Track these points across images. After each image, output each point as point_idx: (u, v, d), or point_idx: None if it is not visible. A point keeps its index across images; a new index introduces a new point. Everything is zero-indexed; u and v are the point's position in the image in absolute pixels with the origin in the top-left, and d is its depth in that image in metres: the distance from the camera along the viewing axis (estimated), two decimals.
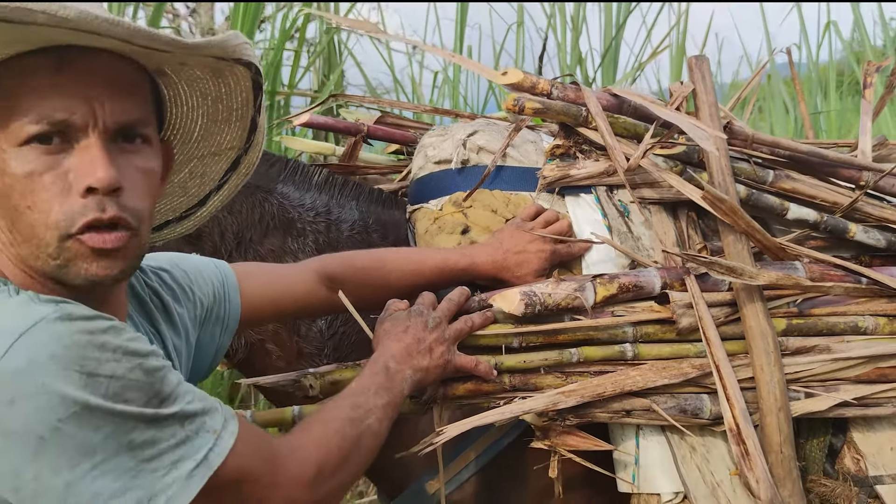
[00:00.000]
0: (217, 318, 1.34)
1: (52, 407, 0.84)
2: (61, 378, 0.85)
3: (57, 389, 0.84)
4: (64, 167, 0.95)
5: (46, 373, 0.84)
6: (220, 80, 1.11)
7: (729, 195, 1.52)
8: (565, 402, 1.37)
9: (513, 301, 1.39)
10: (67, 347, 0.86)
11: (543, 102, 1.62)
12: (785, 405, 1.47)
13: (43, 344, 0.86)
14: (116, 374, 0.88)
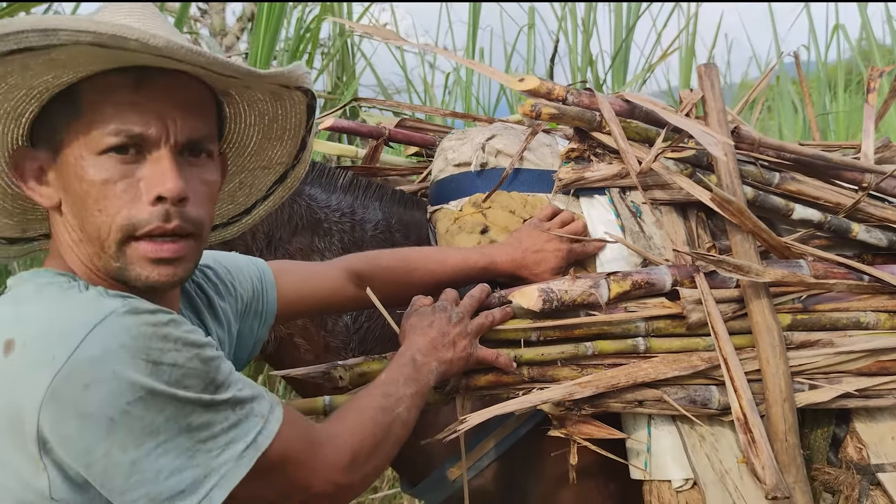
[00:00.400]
0: (256, 312, 1.42)
1: (122, 392, 0.92)
2: (130, 366, 0.92)
3: (126, 376, 0.92)
4: (136, 176, 1.02)
5: (117, 361, 0.92)
6: (278, 102, 1.19)
7: (736, 197, 1.59)
8: (581, 392, 1.44)
9: (531, 297, 1.46)
10: (135, 338, 0.94)
11: (559, 108, 1.69)
12: (790, 396, 1.54)
13: (114, 334, 0.93)
14: (178, 363, 0.96)
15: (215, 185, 1.12)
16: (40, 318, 0.98)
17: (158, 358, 0.95)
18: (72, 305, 0.98)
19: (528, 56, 5.53)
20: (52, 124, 1.05)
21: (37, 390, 0.92)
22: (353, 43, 4.93)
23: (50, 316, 0.97)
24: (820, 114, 5.60)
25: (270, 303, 1.45)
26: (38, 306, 1.00)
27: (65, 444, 0.93)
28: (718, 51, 7.90)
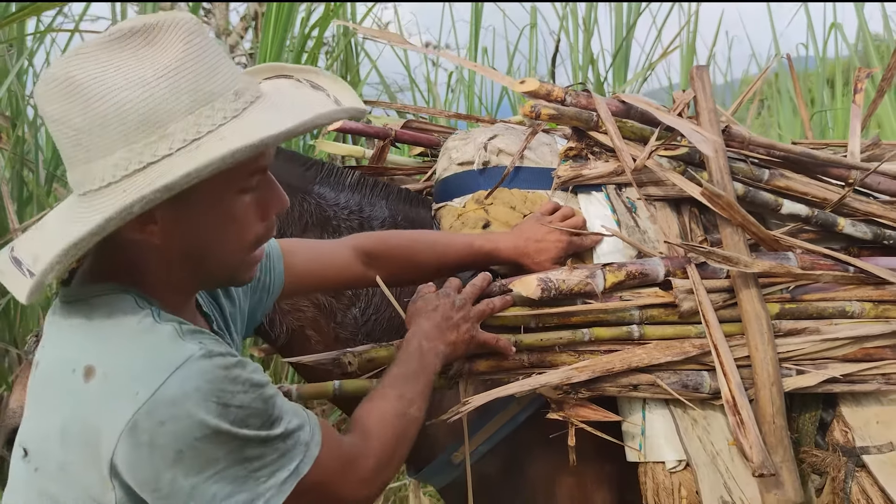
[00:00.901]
0: (263, 286, 1.49)
1: (192, 429, 1.01)
2: (202, 407, 1.02)
3: (198, 417, 1.01)
4: (256, 199, 1.14)
5: (192, 402, 1.01)
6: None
7: (726, 192, 1.67)
8: (578, 376, 1.53)
9: (530, 286, 1.55)
10: (209, 382, 1.03)
11: (558, 109, 1.77)
12: (777, 380, 1.62)
13: (190, 378, 1.02)
14: (243, 404, 1.05)
15: None
16: (122, 351, 1.05)
17: (228, 400, 1.04)
18: (153, 344, 1.06)
19: (530, 55, 5.60)
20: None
21: (118, 422, 1.00)
22: (357, 42, 5.01)
23: (132, 352, 1.05)
24: (818, 111, 5.67)
25: (277, 276, 1.51)
26: (119, 338, 1.07)
27: (135, 470, 1.02)
28: (719, 48, 7.96)
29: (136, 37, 1.03)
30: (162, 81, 1.02)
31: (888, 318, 1.77)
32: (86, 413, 1.03)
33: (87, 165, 1.04)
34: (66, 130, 1.04)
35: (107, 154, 1.03)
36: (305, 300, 1.79)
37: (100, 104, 1.01)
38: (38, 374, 1.12)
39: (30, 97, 3.89)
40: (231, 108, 1.06)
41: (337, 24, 4.15)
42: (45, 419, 1.09)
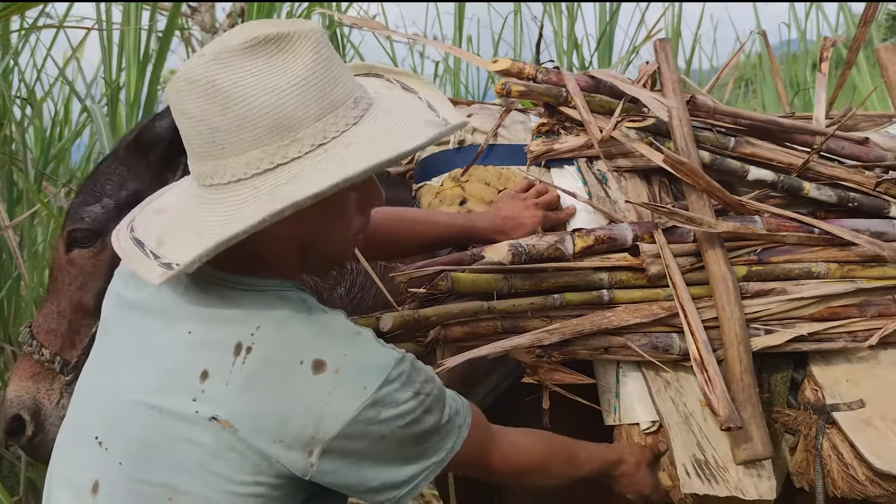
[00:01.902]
0: None
1: (398, 418, 1.20)
2: (406, 398, 1.20)
3: (404, 407, 1.20)
4: (360, 195, 1.27)
5: (401, 395, 1.20)
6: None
7: (690, 159, 1.72)
8: (549, 338, 1.58)
9: (501, 251, 1.60)
10: (410, 375, 1.22)
11: (527, 85, 1.82)
12: (745, 339, 1.67)
13: (401, 376, 1.20)
14: (430, 393, 1.24)
15: None
16: (350, 351, 1.19)
17: (420, 390, 1.23)
18: (366, 346, 1.22)
19: (514, 43, 5.64)
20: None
21: (348, 411, 1.16)
22: (343, 34, 5.04)
23: (357, 352, 1.20)
24: (802, 89, 5.72)
25: None
26: (341, 337, 1.21)
27: (345, 451, 1.18)
28: (704, 31, 8.00)
29: (270, 45, 1.13)
30: (294, 90, 1.13)
31: (853, 277, 1.82)
32: (310, 401, 1.16)
33: (219, 161, 1.15)
34: (202, 128, 1.15)
35: (240, 153, 1.14)
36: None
37: (238, 107, 1.12)
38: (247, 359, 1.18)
39: (16, 96, 3.93)
40: (352, 115, 1.17)
41: (319, 12, 4.18)
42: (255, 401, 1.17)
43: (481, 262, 1.63)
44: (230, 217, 1.13)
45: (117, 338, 1.31)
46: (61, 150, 4.31)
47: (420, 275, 1.61)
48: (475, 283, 1.62)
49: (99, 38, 3.85)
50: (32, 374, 1.81)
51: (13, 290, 3.63)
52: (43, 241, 3.98)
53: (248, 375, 1.16)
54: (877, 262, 1.84)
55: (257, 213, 1.11)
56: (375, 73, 1.39)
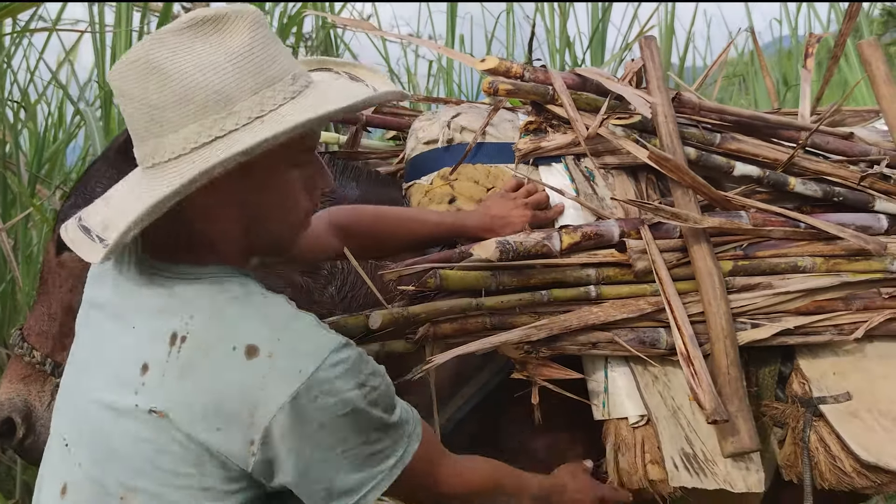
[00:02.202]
0: None
1: (336, 406, 1.16)
2: (347, 387, 1.16)
3: (343, 395, 1.16)
4: (306, 175, 1.26)
5: (341, 382, 1.16)
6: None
7: (676, 155, 1.74)
8: (537, 334, 1.60)
9: (489, 249, 1.62)
10: (354, 364, 1.18)
11: (514, 84, 1.84)
12: (731, 333, 1.69)
13: (341, 362, 1.16)
14: (376, 386, 1.21)
15: None
16: (284, 335, 1.17)
17: (365, 381, 1.19)
18: (304, 330, 1.19)
19: (507, 41, 5.65)
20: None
21: (281, 395, 1.12)
22: (336, 35, 5.06)
23: (293, 336, 1.17)
24: (794, 85, 5.74)
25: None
26: (276, 322, 1.19)
27: (283, 438, 1.14)
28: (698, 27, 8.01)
29: (207, 25, 1.15)
30: (231, 65, 1.14)
31: (839, 271, 1.84)
32: (244, 386, 1.14)
33: (159, 139, 1.15)
34: (141, 107, 1.15)
35: (178, 128, 1.14)
36: (281, 281, 1.85)
37: (175, 83, 1.13)
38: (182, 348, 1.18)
39: (9, 99, 3.94)
40: (290, 90, 1.18)
41: (311, 14, 4.19)
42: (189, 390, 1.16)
43: (469, 260, 1.64)
44: (166, 187, 1.13)
45: (83, 338, 1.33)
46: (55, 153, 4.32)
47: (409, 272, 1.63)
48: (464, 281, 1.63)
49: (92, 40, 3.86)
50: (23, 376, 1.82)
51: (7, 294, 3.64)
52: (37, 244, 3.99)
53: (183, 365, 1.16)
54: (862, 255, 1.86)
55: (186, 175, 1.11)
56: (326, 66, 1.38)
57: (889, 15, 8.01)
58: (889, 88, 2.06)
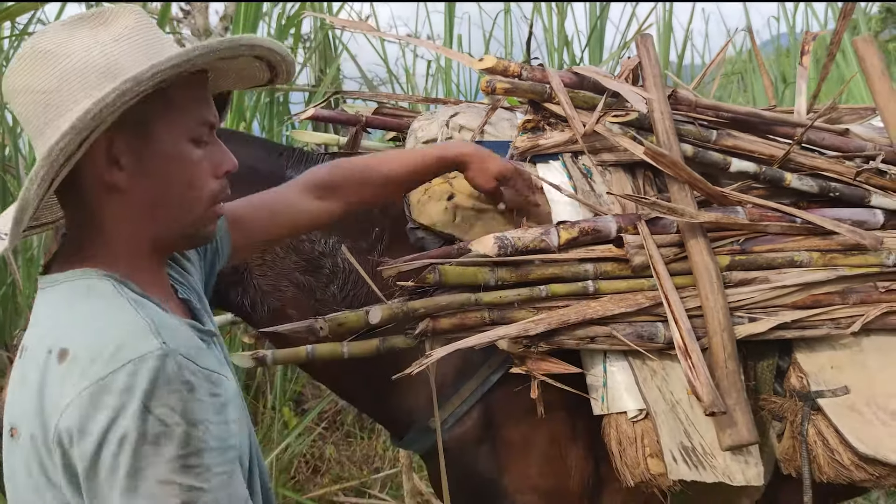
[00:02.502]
0: (213, 248, 1.53)
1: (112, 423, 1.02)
2: (130, 407, 1.02)
3: (121, 414, 1.02)
4: (208, 156, 1.22)
5: (127, 398, 1.03)
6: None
7: (672, 151, 1.76)
8: (535, 328, 1.61)
9: (487, 244, 1.63)
10: (150, 383, 1.03)
11: (512, 82, 1.85)
12: (728, 327, 1.70)
13: (136, 374, 1.03)
14: (169, 428, 1.04)
15: None
16: (93, 336, 1.08)
17: (155, 410, 1.03)
18: (117, 332, 1.08)
19: (505, 41, 5.67)
20: (142, 115, 1.15)
21: (67, 395, 1.04)
22: (335, 35, 5.07)
23: (102, 338, 1.07)
24: (791, 82, 5.75)
25: (223, 234, 1.54)
26: (94, 323, 1.10)
27: (74, 443, 1.04)
28: (696, 25, 8.03)
29: (92, 19, 1.16)
30: (119, 43, 1.14)
31: (835, 265, 1.86)
32: (53, 393, 1.07)
33: (56, 122, 1.12)
34: (33, 96, 1.13)
35: (72, 105, 1.11)
36: (285, 280, 1.86)
37: (64, 62, 1.12)
38: (24, 358, 1.17)
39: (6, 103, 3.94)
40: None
41: (309, 16, 4.21)
42: (25, 399, 1.13)
43: (468, 255, 1.66)
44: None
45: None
46: None
47: (408, 268, 1.64)
48: (462, 276, 1.65)
49: None
50: None
51: (8, 297, 3.65)
52: (37, 246, 4.00)
53: (21, 376, 1.13)
54: (858, 250, 1.87)
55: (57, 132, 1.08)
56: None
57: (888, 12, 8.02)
58: (884, 84, 2.08)
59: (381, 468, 4.16)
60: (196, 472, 1.05)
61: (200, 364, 1.09)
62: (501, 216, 1.87)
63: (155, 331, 1.08)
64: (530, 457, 1.88)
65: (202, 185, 1.22)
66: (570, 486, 1.88)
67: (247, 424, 1.28)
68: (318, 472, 4.13)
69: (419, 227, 1.90)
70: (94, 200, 1.19)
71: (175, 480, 1.03)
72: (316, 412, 3.91)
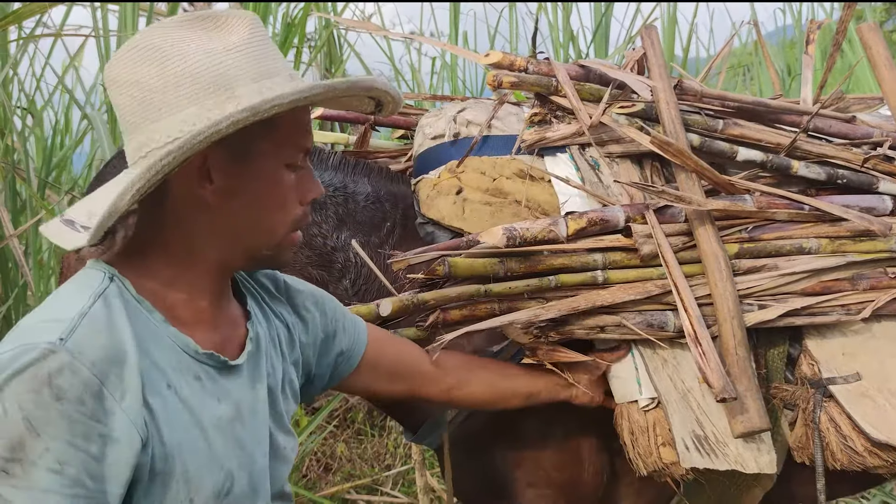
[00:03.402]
0: (341, 349, 1.52)
1: None
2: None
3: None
4: (299, 181, 1.23)
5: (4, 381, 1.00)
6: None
7: (678, 140, 1.76)
8: (545, 314, 1.62)
9: (496, 235, 1.64)
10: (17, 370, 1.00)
11: (518, 76, 1.86)
12: (738, 314, 1.70)
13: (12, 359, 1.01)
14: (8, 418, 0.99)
15: None
16: (36, 311, 1.12)
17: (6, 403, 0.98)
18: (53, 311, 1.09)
19: (510, 36, 5.67)
20: (245, 134, 1.13)
21: None
22: (340, 34, 5.07)
23: (35, 313, 1.11)
24: (797, 74, 5.74)
25: (357, 346, 1.55)
26: (49, 300, 1.14)
27: None
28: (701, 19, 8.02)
29: (208, 21, 1.15)
30: (231, 54, 1.13)
31: (844, 252, 1.86)
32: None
33: (155, 124, 1.12)
34: (137, 93, 1.12)
35: (176, 111, 1.11)
36: (297, 275, 1.87)
37: (176, 65, 1.11)
38: None
39: (17, 106, 3.97)
40: (289, 86, 1.15)
41: (315, 16, 4.21)
42: None
43: (477, 247, 1.67)
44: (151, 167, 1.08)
45: None
46: (63, 159, 4.35)
47: (418, 261, 1.65)
48: (472, 268, 1.65)
49: (96, 45, 3.88)
50: None
51: (20, 299, 3.66)
52: (47, 249, 4.02)
53: None
54: (867, 236, 1.87)
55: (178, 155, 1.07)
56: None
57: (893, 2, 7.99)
58: (890, 72, 2.08)
59: (392, 465, 4.18)
60: (10, 483, 0.97)
61: (102, 379, 1.02)
62: (510, 210, 1.87)
63: (69, 327, 1.04)
64: (544, 450, 1.88)
65: (290, 209, 1.23)
66: (584, 479, 1.89)
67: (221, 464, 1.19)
68: (329, 469, 4.14)
69: (428, 221, 1.91)
70: (177, 211, 1.18)
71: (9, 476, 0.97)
72: (327, 410, 3.92)
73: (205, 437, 1.16)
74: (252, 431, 1.25)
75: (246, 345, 1.29)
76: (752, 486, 1.91)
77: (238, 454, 1.21)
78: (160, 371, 1.13)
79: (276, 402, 1.33)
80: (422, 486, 3.59)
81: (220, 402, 1.20)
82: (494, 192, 1.88)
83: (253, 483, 1.24)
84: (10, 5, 3.44)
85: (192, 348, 1.19)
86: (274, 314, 1.41)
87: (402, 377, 1.63)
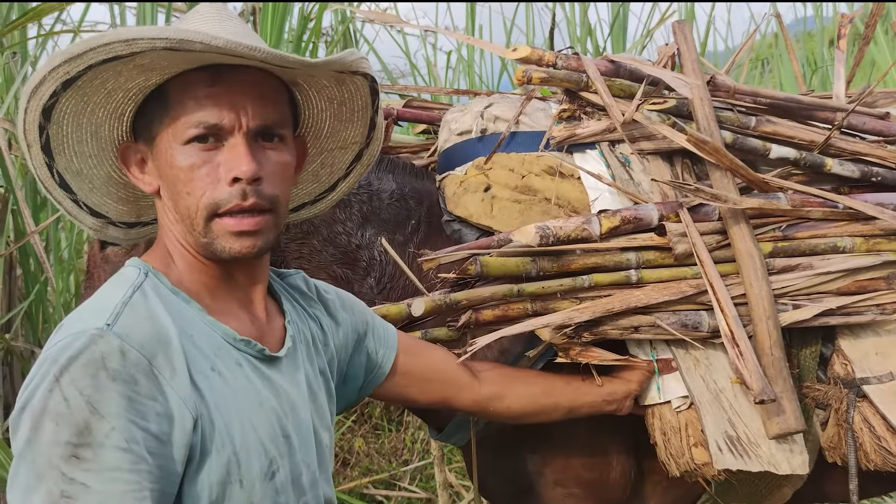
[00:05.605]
0: (373, 358, 1.54)
1: (38, 397, 1.04)
2: (47, 378, 1.04)
3: (38, 385, 1.05)
4: (216, 161, 1.18)
5: (48, 367, 1.04)
6: (343, 87, 1.34)
7: (713, 138, 1.74)
8: (579, 316, 1.60)
9: (529, 234, 1.62)
10: (68, 357, 1.03)
11: (548, 72, 1.84)
12: (773, 314, 1.68)
13: (65, 348, 1.05)
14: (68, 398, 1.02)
15: (289, 166, 1.27)
16: (80, 308, 1.15)
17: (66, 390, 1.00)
18: (95, 304, 1.12)
19: (527, 30, 5.64)
20: (148, 120, 1.21)
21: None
22: (356, 29, 5.06)
23: (80, 309, 1.13)
24: (819, 67, 5.69)
25: (388, 352, 1.56)
26: (91, 297, 1.17)
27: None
28: (718, 12, 7.96)
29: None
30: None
31: (879, 251, 1.83)
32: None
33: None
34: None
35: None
36: (322, 273, 1.86)
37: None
38: None
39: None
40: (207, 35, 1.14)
41: (333, 8, 4.20)
42: None
43: (509, 246, 1.65)
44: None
45: None
46: None
47: (449, 260, 1.63)
48: (504, 267, 1.64)
49: None
50: None
51: (41, 295, 3.67)
52: (67, 245, 4.03)
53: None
54: None
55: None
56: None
57: None
58: None
59: (410, 460, 4.17)
60: (84, 467, 0.99)
61: (150, 360, 1.05)
62: (539, 208, 1.85)
63: (113, 313, 1.07)
64: (573, 449, 1.87)
65: (199, 192, 1.18)
66: (611, 479, 1.88)
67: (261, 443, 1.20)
68: (347, 464, 4.14)
69: (455, 219, 1.90)
70: (156, 203, 1.26)
71: (60, 467, 0.98)
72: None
73: (250, 420, 1.18)
74: (295, 424, 1.26)
75: (286, 341, 1.31)
76: (781, 485, 1.89)
77: (280, 443, 1.22)
78: (204, 355, 1.15)
79: (316, 397, 1.34)
80: (440, 482, 3.58)
81: (262, 389, 1.22)
82: (523, 189, 1.86)
83: (295, 474, 1.24)
84: (29, 3, 3.44)
85: (231, 335, 1.21)
86: (308, 315, 1.42)
87: (435, 385, 1.61)
